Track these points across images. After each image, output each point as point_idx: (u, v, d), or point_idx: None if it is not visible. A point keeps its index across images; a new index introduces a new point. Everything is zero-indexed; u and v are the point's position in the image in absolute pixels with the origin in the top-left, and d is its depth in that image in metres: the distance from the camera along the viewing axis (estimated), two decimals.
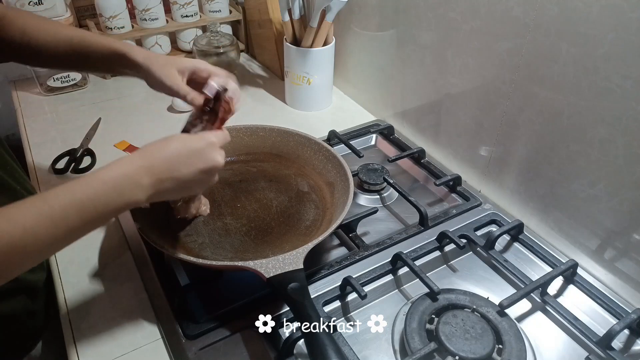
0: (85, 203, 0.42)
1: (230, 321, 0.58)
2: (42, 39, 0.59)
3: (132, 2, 1.11)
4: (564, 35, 0.60)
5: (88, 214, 0.42)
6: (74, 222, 0.41)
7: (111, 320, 0.59)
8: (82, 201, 0.42)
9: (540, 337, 0.59)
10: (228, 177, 0.76)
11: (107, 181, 0.44)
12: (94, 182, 0.43)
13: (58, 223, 0.40)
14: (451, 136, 0.84)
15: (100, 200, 0.43)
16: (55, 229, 0.40)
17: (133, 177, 0.45)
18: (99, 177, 0.44)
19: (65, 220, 0.41)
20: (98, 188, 0.43)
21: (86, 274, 0.65)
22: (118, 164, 0.45)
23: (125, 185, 0.45)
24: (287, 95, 1.06)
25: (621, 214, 0.61)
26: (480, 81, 0.74)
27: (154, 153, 0.48)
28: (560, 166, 0.66)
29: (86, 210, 0.42)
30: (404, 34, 0.87)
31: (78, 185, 0.43)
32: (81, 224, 0.42)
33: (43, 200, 0.40)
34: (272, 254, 0.63)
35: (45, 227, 0.40)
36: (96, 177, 0.44)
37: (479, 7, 0.70)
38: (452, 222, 0.73)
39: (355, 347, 0.55)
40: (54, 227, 0.40)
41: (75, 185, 0.42)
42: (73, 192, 0.42)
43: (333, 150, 0.74)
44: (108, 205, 0.44)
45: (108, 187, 0.44)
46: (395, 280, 0.65)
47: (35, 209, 0.40)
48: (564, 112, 0.63)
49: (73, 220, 0.41)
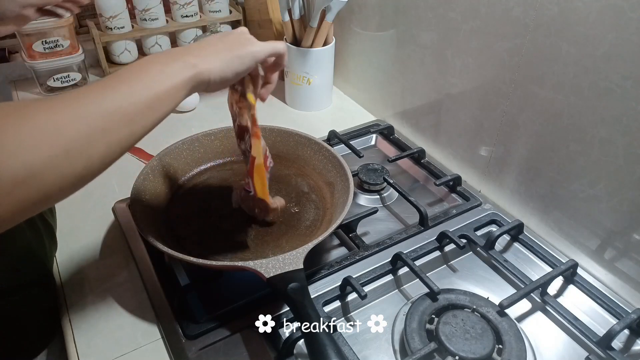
0: (151, 103, 0.40)
1: (230, 321, 0.58)
2: None
3: (132, 2, 1.11)
4: (564, 35, 0.60)
5: (154, 112, 0.41)
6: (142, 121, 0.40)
7: (111, 320, 0.59)
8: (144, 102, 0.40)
9: (540, 337, 0.59)
10: (228, 177, 0.76)
11: (152, 67, 0.42)
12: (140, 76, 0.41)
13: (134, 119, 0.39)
14: (451, 136, 0.84)
15: (162, 86, 0.41)
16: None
17: (174, 54, 0.44)
18: (143, 70, 0.42)
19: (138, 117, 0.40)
20: (150, 80, 0.41)
21: (86, 274, 0.65)
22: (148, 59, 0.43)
23: (172, 62, 0.43)
24: (287, 95, 1.06)
25: (621, 214, 0.61)
26: (480, 81, 0.74)
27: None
28: (560, 166, 0.66)
29: (154, 108, 0.41)
30: (404, 34, 0.87)
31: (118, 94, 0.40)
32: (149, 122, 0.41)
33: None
34: (272, 254, 0.63)
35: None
36: (138, 72, 0.41)
37: (478, 7, 0.70)
38: (452, 222, 0.73)
39: (355, 347, 0.55)
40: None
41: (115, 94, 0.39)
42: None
43: (333, 150, 0.74)
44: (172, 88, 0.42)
45: (157, 72, 0.42)
46: (395, 280, 0.65)
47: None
48: (564, 112, 0.63)
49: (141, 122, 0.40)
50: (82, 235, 0.71)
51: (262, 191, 0.61)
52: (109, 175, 0.38)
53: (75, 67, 1.06)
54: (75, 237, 0.70)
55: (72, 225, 0.72)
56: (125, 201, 0.74)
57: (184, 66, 0.44)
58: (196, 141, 0.76)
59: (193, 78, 0.44)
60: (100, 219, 0.74)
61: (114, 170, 0.38)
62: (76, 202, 0.76)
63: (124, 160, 0.40)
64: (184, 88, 0.44)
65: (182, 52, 0.45)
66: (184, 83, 0.43)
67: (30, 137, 0.33)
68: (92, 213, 0.75)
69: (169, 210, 0.69)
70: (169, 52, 0.45)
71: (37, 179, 0.33)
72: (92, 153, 0.36)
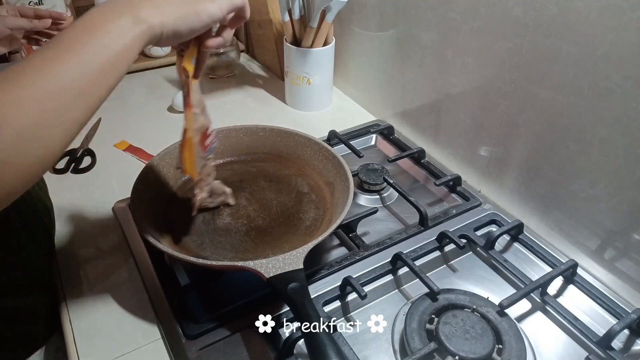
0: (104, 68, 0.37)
1: (230, 321, 0.58)
2: None
3: None
4: (564, 36, 0.60)
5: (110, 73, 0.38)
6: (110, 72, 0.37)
7: (111, 320, 0.59)
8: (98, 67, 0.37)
9: (540, 337, 0.59)
10: (228, 177, 0.76)
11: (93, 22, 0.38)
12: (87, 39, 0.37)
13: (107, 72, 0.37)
14: (451, 136, 0.84)
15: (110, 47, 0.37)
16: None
17: (110, 10, 0.39)
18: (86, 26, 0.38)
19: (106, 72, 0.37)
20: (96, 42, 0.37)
21: (86, 274, 0.65)
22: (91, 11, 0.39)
23: (117, 15, 0.39)
24: (287, 95, 1.06)
25: (621, 214, 0.61)
26: (480, 81, 0.74)
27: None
28: (560, 166, 0.66)
29: (106, 73, 0.37)
30: (404, 34, 0.87)
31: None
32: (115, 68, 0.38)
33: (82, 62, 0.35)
34: (272, 254, 0.63)
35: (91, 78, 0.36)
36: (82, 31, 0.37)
37: (478, 7, 0.70)
38: (452, 222, 0.73)
39: (355, 347, 0.55)
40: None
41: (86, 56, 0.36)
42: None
43: (333, 150, 0.74)
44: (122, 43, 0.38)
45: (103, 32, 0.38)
46: (395, 280, 0.65)
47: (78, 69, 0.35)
48: (564, 112, 0.63)
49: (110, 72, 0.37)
50: (82, 235, 0.71)
51: (190, 168, 0.58)
52: (109, 175, 0.38)
53: None
54: (75, 237, 0.70)
55: (72, 225, 0.72)
56: (125, 201, 0.74)
57: (134, 21, 0.39)
58: None
59: (144, 34, 0.40)
60: (100, 219, 0.74)
61: (114, 170, 0.38)
62: (76, 202, 0.76)
63: (124, 160, 0.40)
64: (136, 47, 0.40)
65: (127, 2, 0.40)
66: (134, 41, 0.39)
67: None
68: (92, 213, 0.75)
69: (169, 210, 0.69)
70: (113, 3, 0.40)
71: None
72: (48, 136, 0.33)
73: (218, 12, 0.46)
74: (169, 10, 0.42)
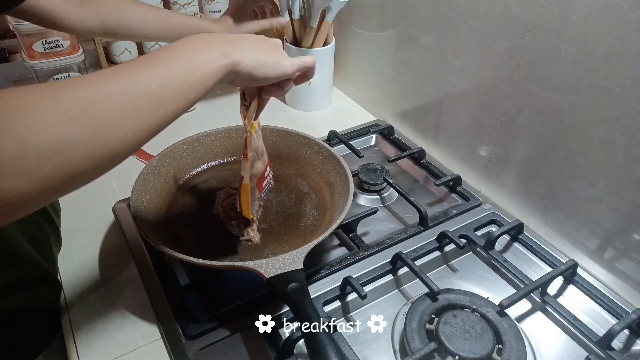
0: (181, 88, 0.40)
1: (230, 321, 0.58)
2: (137, 12, 0.70)
3: None
4: (564, 35, 0.60)
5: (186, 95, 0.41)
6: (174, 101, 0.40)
7: (111, 320, 0.59)
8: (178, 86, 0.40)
9: (540, 337, 0.59)
10: (228, 177, 0.76)
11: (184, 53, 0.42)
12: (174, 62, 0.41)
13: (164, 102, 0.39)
14: (451, 136, 0.84)
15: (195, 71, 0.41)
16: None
17: (206, 40, 0.44)
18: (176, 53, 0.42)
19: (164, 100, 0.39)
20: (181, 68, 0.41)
21: (86, 274, 0.65)
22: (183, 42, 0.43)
23: (198, 51, 0.43)
24: (287, 96, 1.06)
25: (621, 214, 0.61)
26: (480, 81, 0.74)
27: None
28: (560, 166, 0.66)
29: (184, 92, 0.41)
30: (404, 34, 0.87)
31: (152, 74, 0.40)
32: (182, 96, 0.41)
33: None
34: (272, 254, 0.63)
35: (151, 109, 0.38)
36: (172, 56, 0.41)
37: (478, 7, 0.70)
38: (452, 222, 0.73)
39: (355, 347, 0.55)
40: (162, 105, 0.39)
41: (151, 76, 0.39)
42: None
43: (333, 150, 0.74)
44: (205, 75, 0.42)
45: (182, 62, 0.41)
46: (395, 280, 0.65)
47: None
48: (564, 112, 0.63)
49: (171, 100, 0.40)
50: (82, 235, 0.71)
51: (247, 211, 0.61)
52: (109, 175, 0.38)
53: (75, 67, 1.06)
54: (75, 237, 0.70)
55: (72, 225, 0.72)
56: (125, 201, 0.74)
57: (221, 55, 0.43)
58: (196, 141, 0.76)
59: (226, 67, 0.44)
60: (100, 219, 0.74)
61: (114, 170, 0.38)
62: (76, 202, 0.76)
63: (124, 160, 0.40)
64: (217, 76, 0.43)
65: (219, 39, 0.45)
66: (217, 71, 0.43)
67: (57, 113, 0.33)
68: (92, 213, 0.75)
69: (169, 210, 0.69)
70: (206, 37, 0.44)
71: (64, 156, 0.33)
72: (121, 133, 0.36)
73: (289, 69, 0.50)
74: (252, 55, 0.46)
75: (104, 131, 0.35)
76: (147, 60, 0.40)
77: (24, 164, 0.31)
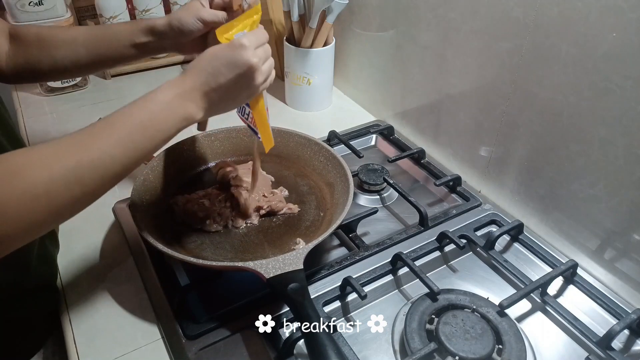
0: (146, 124, 0.46)
1: (230, 321, 0.58)
2: (60, 35, 0.62)
3: (132, 2, 1.10)
4: (564, 36, 0.60)
5: (150, 134, 0.46)
6: (141, 143, 0.46)
7: (111, 320, 0.59)
8: (143, 122, 0.46)
9: (540, 337, 0.59)
10: None
11: (161, 101, 0.47)
12: (150, 104, 0.47)
13: (128, 145, 0.45)
14: (451, 136, 0.84)
15: (159, 119, 0.47)
16: (126, 150, 0.44)
17: (184, 96, 0.49)
18: (154, 99, 0.48)
19: (133, 142, 0.45)
20: (154, 109, 0.47)
21: (86, 274, 0.65)
22: (169, 85, 0.49)
23: (177, 105, 0.48)
24: (287, 96, 1.07)
25: (621, 214, 0.61)
26: (480, 81, 0.74)
27: (198, 70, 0.50)
28: (560, 166, 0.66)
29: (148, 130, 0.46)
30: (404, 35, 0.87)
31: (136, 108, 0.46)
32: (147, 143, 0.46)
33: (110, 126, 0.45)
34: (272, 254, 0.63)
35: (118, 148, 0.44)
36: (151, 99, 0.47)
37: (478, 8, 0.70)
38: (452, 222, 0.73)
39: (355, 347, 0.55)
40: (125, 149, 0.44)
41: (133, 109, 0.46)
42: (132, 115, 0.46)
43: (333, 150, 0.74)
44: (167, 123, 0.48)
45: (163, 107, 0.47)
46: (395, 281, 0.65)
47: (106, 134, 0.44)
48: (564, 112, 0.63)
49: (139, 141, 0.46)
50: (82, 236, 0.71)
51: (268, 138, 0.63)
52: None
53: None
54: (75, 237, 0.70)
55: (72, 225, 0.72)
56: (125, 201, 0.74)
57: (183, 118, 0.49)
58: (196, 141, 0.77)
59: (186, 124, 0.50)
60: (100, 219, 0.74)
61: None
62: None
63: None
64: (175, 133, 0.49)
65: (188, 95, 0.49)
66: (176, 130, 0.49)
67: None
68: (92, 213, 0.74)
69: (169, 211, 0.69)
70: (175, 93, 0.48)
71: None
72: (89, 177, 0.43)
73: (263, 85, 0.54)
74: (216, 108, 0.52)
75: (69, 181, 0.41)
76: (102, 128, 0.45)
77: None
